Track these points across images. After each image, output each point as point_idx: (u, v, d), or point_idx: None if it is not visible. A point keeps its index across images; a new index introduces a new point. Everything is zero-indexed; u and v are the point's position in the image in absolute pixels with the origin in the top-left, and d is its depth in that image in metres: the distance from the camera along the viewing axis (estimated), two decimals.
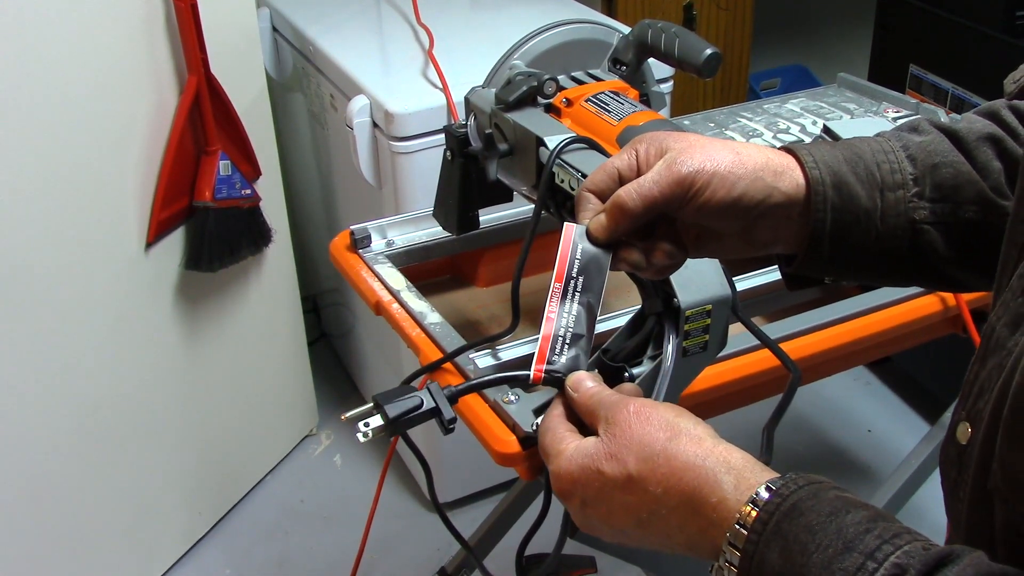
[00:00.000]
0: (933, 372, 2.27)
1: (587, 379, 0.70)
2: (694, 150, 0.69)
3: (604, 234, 0.70)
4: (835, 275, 0.74)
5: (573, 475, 0.64)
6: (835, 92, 1.71)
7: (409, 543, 2.05)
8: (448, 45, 1.88)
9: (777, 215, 0.70)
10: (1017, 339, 0.57)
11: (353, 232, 1.27)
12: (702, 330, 0.82)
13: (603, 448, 0.63)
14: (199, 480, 2.01)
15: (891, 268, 0.73)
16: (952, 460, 0.62)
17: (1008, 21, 1.94)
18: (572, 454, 0.65)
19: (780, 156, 0.71)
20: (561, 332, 0.71)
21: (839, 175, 0.70)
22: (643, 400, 0.66)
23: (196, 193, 1.75)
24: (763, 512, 0.57)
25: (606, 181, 0.70)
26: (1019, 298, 0.59)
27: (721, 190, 0.67)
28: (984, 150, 0.72)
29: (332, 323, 2.53)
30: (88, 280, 1.64)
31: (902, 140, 0.73)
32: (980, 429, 0.58)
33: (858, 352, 1.18)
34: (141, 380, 1.80)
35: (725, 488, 0.59)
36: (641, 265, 0.71)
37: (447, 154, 1.15)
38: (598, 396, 0.68)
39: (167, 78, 1.69)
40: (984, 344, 0.61)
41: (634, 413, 0.64)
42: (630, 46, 1.14)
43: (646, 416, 0.64)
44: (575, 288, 0.71)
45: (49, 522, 1.70)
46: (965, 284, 0.75)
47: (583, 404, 0.68)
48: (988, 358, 0.60)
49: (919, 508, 1.58)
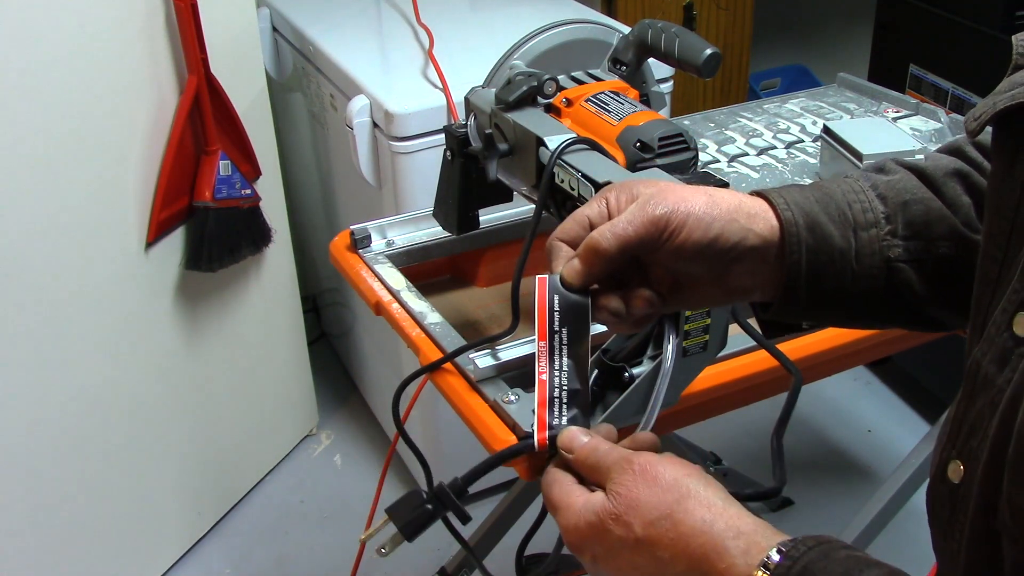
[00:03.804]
0: (933, 372, 2.27)
1: (579, 434, 0.68)
2: (666, 193, 0.67)
3: (579, 279, 0.67)
4: (812, 318, 0.73)
5: (582, 532, 0.63)
6: (835, 92, 1.71)
7: (409, 543, 2.05)
8: (448, 45, 1.88)
9: (753, 259, 0.68)
10: (1007, 375, 0.56)
11: (353, 232, 1.27)
12: (702, 330, 0.82)
13: (610, 508, 0.62)
14: (199, 480, 2.01)
15: (868, 310, 0.72)
16: (943, 499, 0.61)
17: (1008, 21, 1.94)
18: (580, 510, 0.64)
19: (752, 199, 0.70)
20: (556, 393, 0.69)
21: (811, 216, 0.69)
22: (647, 457, 0.64)
23: (196, 193, 1.75)
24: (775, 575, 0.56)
25: (576, 229, 0.68)
26: (1004, 333, 0.58)
27: (697, 231, 0.66)
28: (952, 185, 0.72)
29: (332, 323, 2.53)
30: (88, 280, 1.64)
31: (870, 180, 0.73)
32: (977, 468, 0.57)
33: (858, 352, 1.18)
34: (141, 380, 1.80)
35: (734, 554, 0.58)
36: (621, 313, 0.69)
37: (447, 154, 1.15)
38: (596, 454, 0.66)
39: (167, 78, 1.69)
40: (970, 382, 0.60)
41: (639, 473, 0.62)
42: (630, 46, 1.13)
43: (652, 476, 0.62)
44: (561, 342, 0.69)
45: (49, 522, 1.70)
46: (943, 323, 0.75)
47: (582, 463, 0.66)
48: (977, 396, 0.59)
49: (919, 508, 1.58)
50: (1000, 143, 0.62)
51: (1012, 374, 0.56)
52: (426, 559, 1.98)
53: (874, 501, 1.47)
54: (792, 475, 0.68)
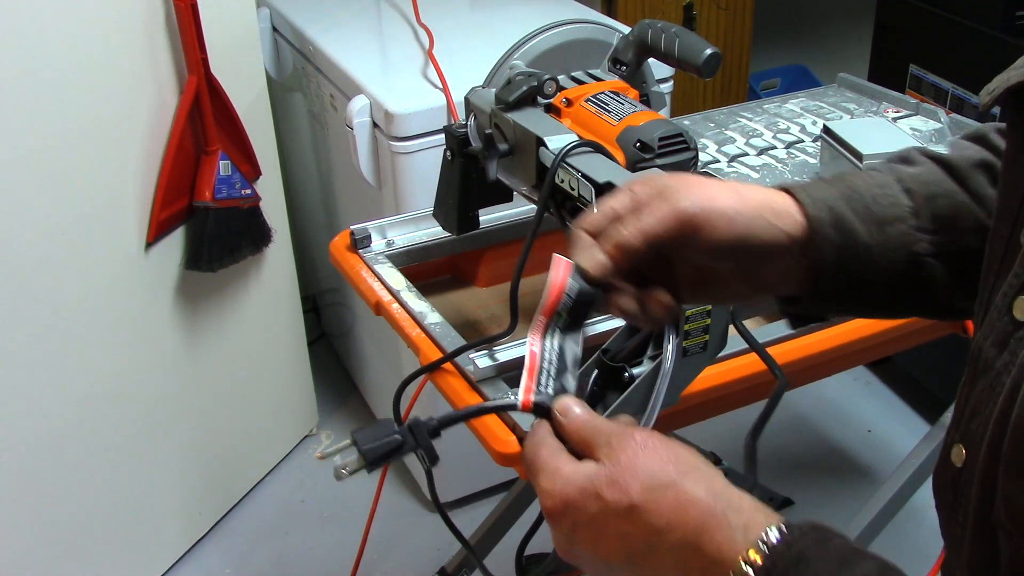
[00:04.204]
0: (933, 372, 2.27)
1: (575, 405, 0.66)
2: (694, 187, 0.66)
3: (600, 271, 0.65)
4: (837, 312, 0.75)
5: (568, 496, 0.60)
6: (835, 92, 1.71)
7: (409, 543, 2.05)
8: (448, 45, 1.88)
9: (779, 254, 0.68)
10: (1006, 359, 0.57)
11: (353, 232, 1.27)
12: (702, 330, 0.82)
13: (605, 472, 0.60)
14: (199, 480, 2.01)
15: (894, 301, 0.72)
16: (947, 483, 0.61)
17: (1008, 21, 1.94)
18: (569, 474, 0.61)
19: (779, 195, 0.69)
20: (546, 365, 0.68)
21: (837, 213, 0.69)
22: (649, 431, 0.63)
23: (196, 193, 1.75)
24: (770, 556, 0.56)
25: (601, 220, 0.67)
26: (1004, 317, 0.58)
27: (723, 227, 0.65)
28: (978, 178, 0.71)
29: (332, 323, 2.53)
30: (88, 280, 1.64)
31: (895, 173, 0.73)
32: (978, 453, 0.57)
33: (858, 352, 1.18)
34: (141, 380, 1.80)
35: (733, 527, 0.57)
36: (634, 313, 0.68)
37: (447, 154, 1.15)
38: (593, 423, 0.64)
39: (167, 78, 1.69)
40: (972, 366, 0.60)
41: (641, 443, 0.61)
42: (630, 46, 1.13)
43: (654, 447, 0.61)
44: (561, 324, 0.68)
45: (49, 522, 1.70)
46: (965, 312, 0.74)
47: (575, 431, 0.64)
48: (977, 379, 0.59)
49: (919, 508, 1.58)
50: (1013, 119, 0.61)
51: (1011, 357, 0.57)
52: (426, 559, 1.98)
53: (874, 501, 1.47)
54: (792, 475, 0.68)
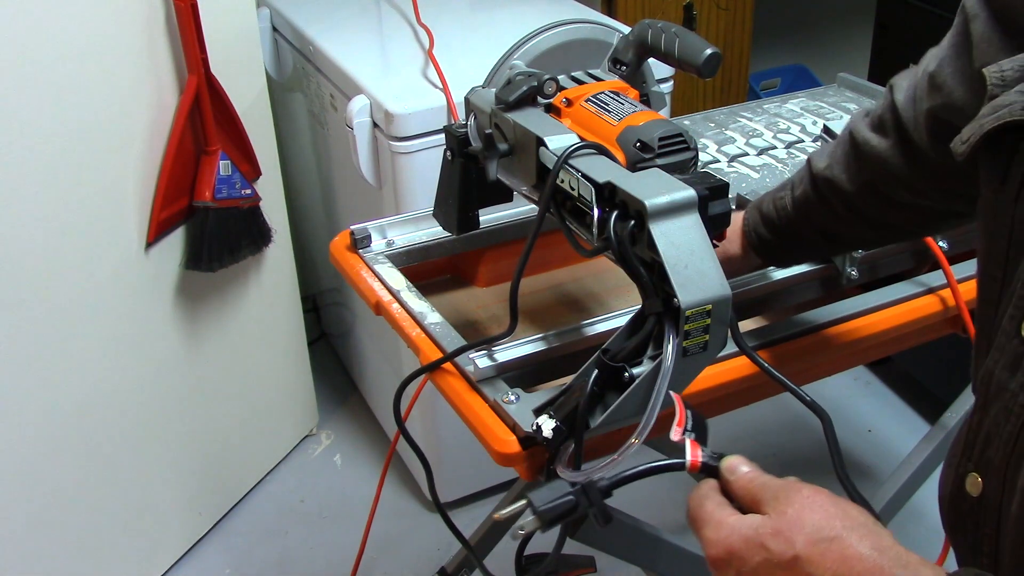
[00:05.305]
0: (933, 372, 2.27)
1: (743, 464, 0.71)
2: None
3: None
4: (789, 257, 1.14)
5: (733, 546, 0.64)
6: (835, 92, 1.71)
7: (409, 543, 2.05)
8: (448, 45, 1.88)
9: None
10: (1020, 379, 0.58)
11: (353, 232, 1.27)
12: (702, 330, 0.82)
13: (771, 524, 0.63)
14: (199, 480, 2.01)
15: (823, 241, 1.08)
16: (964, 515, 0.62)
17: None
18: (735, 524, 0.65)
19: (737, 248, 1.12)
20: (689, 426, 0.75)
21: (754, 220, 1.10)
22: (817, 488, 0.66)
23: (196, 193, 1.75)
24: None
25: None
26: (1013, 340, 0.59)
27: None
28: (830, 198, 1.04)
29: (332, 323, 2.53)
30: (88, 280, 1.64)
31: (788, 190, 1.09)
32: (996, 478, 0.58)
33: (858, 352, 1.18)
34: (141, 380, 1.80)
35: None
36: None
37: (447, 154, 1.14)
38: (760, 479, 0.68)
39: (167, 78, 1.69)
40: (983, 392, 0.62)
41: (808, 497, 0.64)
42: (630, 46, 1.13)
43: (821, 502, 0.64)
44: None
45: (49, 522, 1.70)
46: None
47: (742, 487, 0.69)
48: (991, 404, 0.60)
49: (919, 508, 1.58)
50: (989, 163, 0.64)
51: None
52: (426, 559, 1.98)
53: (874, 501, 1.47)
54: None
